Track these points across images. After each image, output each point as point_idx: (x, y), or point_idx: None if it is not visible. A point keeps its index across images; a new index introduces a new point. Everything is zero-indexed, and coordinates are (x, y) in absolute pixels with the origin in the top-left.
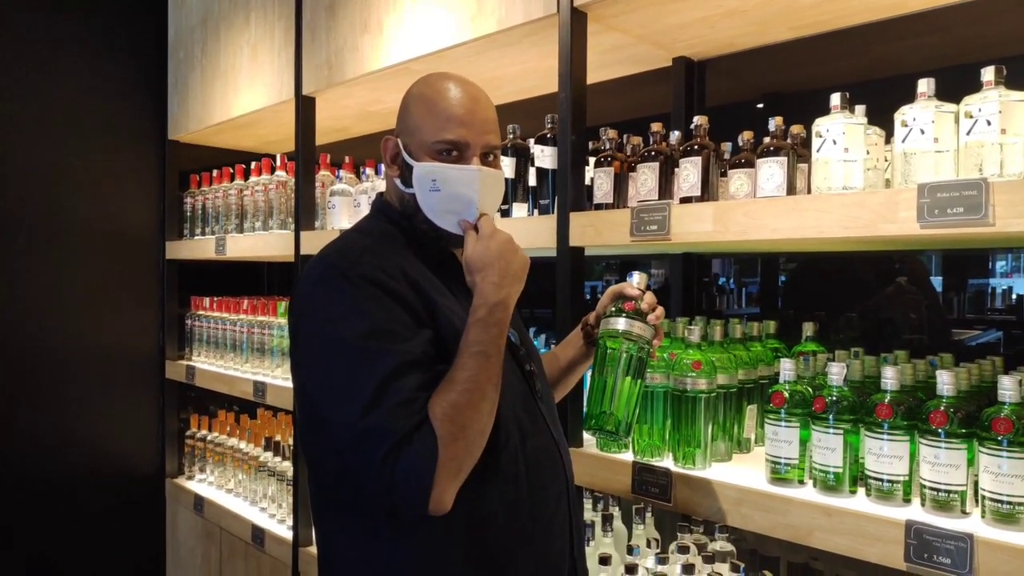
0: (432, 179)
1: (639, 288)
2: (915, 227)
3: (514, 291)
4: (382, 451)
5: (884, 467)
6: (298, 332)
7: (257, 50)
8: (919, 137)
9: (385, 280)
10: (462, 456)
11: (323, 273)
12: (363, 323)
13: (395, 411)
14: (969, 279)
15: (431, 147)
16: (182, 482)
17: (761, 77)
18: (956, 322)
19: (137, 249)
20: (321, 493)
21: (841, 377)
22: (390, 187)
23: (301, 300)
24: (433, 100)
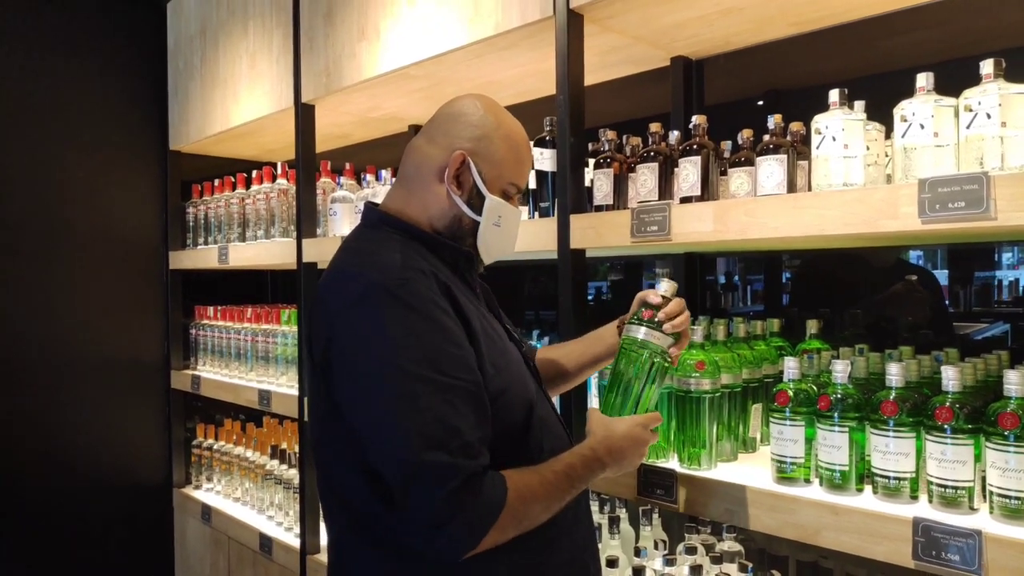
0: (499, 215)
1: (663, 296)
2: (916, 222)
3: (613, 473)
4: (447, 488)
5: (890, 464)
6: (341, 354)
7: (256, 58)
8: (919, 132)
9: (433, 297)
10: (510, 531)
11: (365, 291)
12: (417, 347)
13: (458, 451)
14: (976, 271)
15: (505, 186)
16: (189, 491)
17: (760, 74)
18: (963, 315)
19: (140, 259)
20: (349, 516)
21: (845, 375)
22: (435, 201)
23: (341, 319)
24: (517, 144)
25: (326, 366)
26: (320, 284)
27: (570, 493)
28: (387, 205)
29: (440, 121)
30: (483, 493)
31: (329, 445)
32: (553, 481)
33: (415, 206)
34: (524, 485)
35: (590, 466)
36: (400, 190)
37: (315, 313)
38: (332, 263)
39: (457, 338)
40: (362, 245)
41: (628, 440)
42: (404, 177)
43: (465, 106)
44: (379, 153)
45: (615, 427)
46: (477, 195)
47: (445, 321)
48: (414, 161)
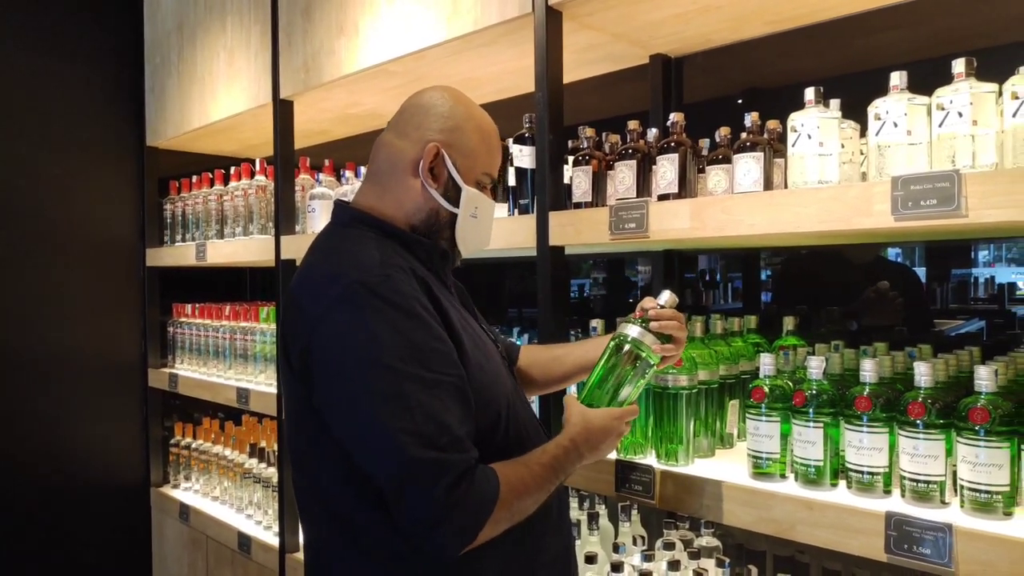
0: (475, 206)
1: (661, 305)
2: (890, 220)
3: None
4: (442, 484)
5: (864, 459)
6: (323, 357)
7: (234, 55)
8: (892, 130)
9: (415, 294)
10: (504, 523)
11: (345, 291)
12: (403, 345)
13: (449, 447)
14: (953, 269)
15: (479, 176)
16: (167, 491)
17: (739, 73)
18: (939, 312)
19: (117, 257)
20: (332, 519)
21: (820, 371)
22: (410, 196)
23: (321, 322)
24: (488, 134)
25: (306, 371)
26: (294, 286)
27: (555, 484)
28: (359, 203)
29: (409, 114)
30: (477, 487)
31: (309, 450)
32: (541, 473)
33: (389, 202)
34: (515, 478)
35: (571, 457)
36: (372, 187)
37: (291, 317)
38: (305, 264)
39: (441, 334)
40: (336, 244)
41: (605, 433)
42: (375, 173)
43: (433, 98)
44: (359, 150)
45: (593, 420)
46: (453, 187)
47: (428, 317)
48: (385, 157)
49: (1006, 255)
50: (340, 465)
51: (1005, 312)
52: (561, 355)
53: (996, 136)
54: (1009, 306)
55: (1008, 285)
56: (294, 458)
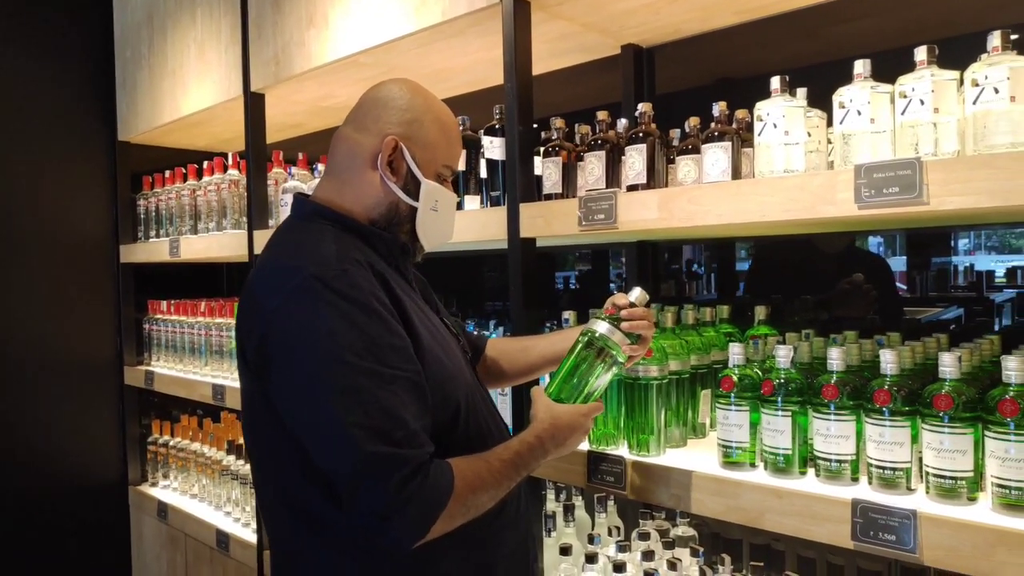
0: (436, 199)
1: (632, 302)
2: (853, 208)
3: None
4: (395, 479)
5: (831, 447)
6: (278, 351)
7: (204, 47)
8: (856, 118)
9: (372, 289)
10: (458, 518)
11: (302, 285)
12: (359, 340)
13: (403, 441)
14: (933, 257)
15: (439, 169)
16: (145, 489)
17: (711, 63)
18: (919, 300)
19: (91, 253)
20: (294, 515)
21: (788, 359)
22: (369, 190)
23: (277, 315)
24: (447, 126)
25: (262, 365)
26: (251, 279)
27: (516, 479)
28: (318, 196)
29: (367, 108)
30: (430, 481)
31: (267, 445)
32: (500, 469)
33: (348, 196)
34: (472, 472)
35: (535, 453)
36: (331, 181)
37: (247, 310)
38: (263, 257)
39: (397, 329)
40: (295, 237)
41: (570, 429)
42: (334, 168)
43: (391, 91)
44: None
45: (560, 415)
46: (412, 180)
47: (384, 312)
48: (344, 151)
49: (986, 243)
50: (300, 460)
51: (983, 299)
52: (529, 346)
53: (957, 124)
54: (988, 293)
55: (987, 273)
56: (253, 454)
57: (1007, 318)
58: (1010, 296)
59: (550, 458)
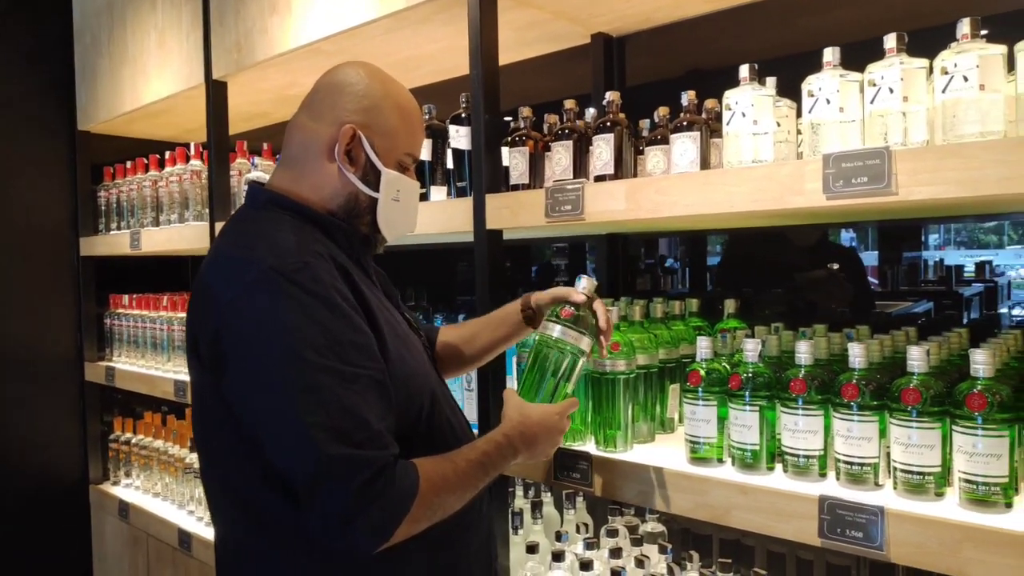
0: (397, 189)
1: (584, 294)
2: (821, 198)
3: (526, 459)
4: (357, 481)
5: (799, 443)
6: (234, 347)
7: (165, 35)
8: (825, 107)
9: (334, 283)
10: (423, 521)
11: (260, 278)
12: (320, 336)
13: (367, 442)
14: (904, 251)
15: (400, 157)
16: (107, 488)
17: (682, 53)
18: (889, 294)
19: (50, 246)
20: (247, 516)
21: (756, 353)
22: (327, 181)
23: (232, 309)
24: (408, 111)
25: (215, 360)
26: (204, 271)
27: (484, 480)
28: (274, 185)
29: (323, 94)
30: (395, 483)
31: (219, 442)
32: (467, 470)
33: (306, 186)
34: (437, 474)
35: (503, 453)
36: (287, 172)
37: (200, 303)
38: (216, 247)
39: (360, 325)
40: (251, 227)
41: (542, 427)
42: (290, 158)
43: (348, 75)
44: None
45: (530, 413)
46: (372, 170)
47: (347, 308)
48: (299, 140)
49: (955, 238)
50: (254, 458)
51: (953, 293)
52: (476, 332)
53: (927, 113)
54: (957, 287)
55: (956, 267)
56: (202, 451)
57: (975, 311)
58: (978, 290)
59: (521, 459)
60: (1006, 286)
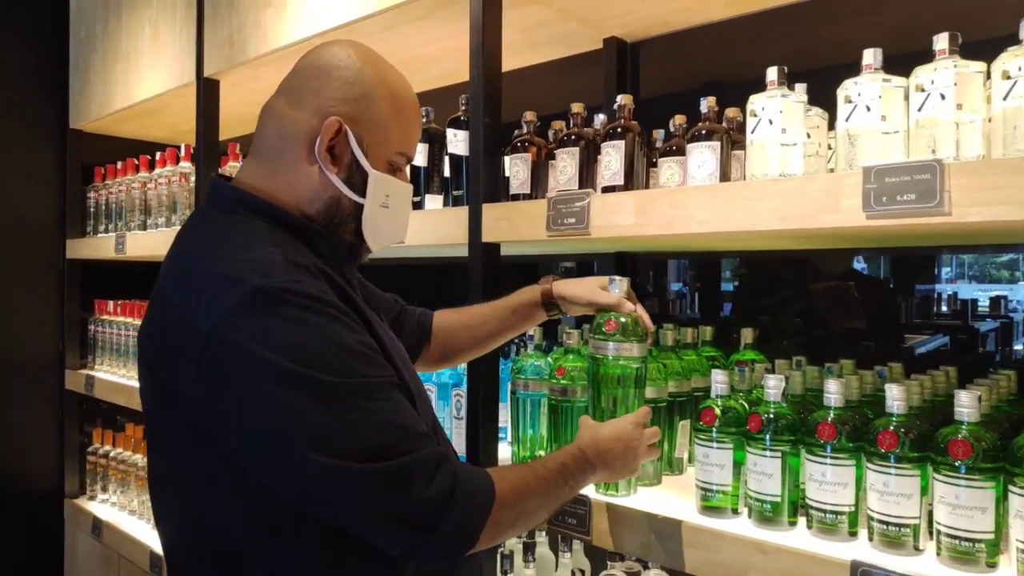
0: (386, 193)
1: (617, 299)
2: (860, 217)
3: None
4: (419, 483)
5: (827, 496)
6: (232, 383)
7: (158, 29)
8: (864, 115)
9: (331, 299)
10: (507, 528)
11: (255, 301)
12: (339, 355)
13: (414, 446)
14: (916, 284)
15: (392, 156)
16: (82, 503)
17: (700, 62)
18: (904, 327)
19: (36, 247)
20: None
21: (779, 391)
22: (304, 181)
23: (221, 338)
24: (403, 103)
25: (197, 398)
26: (168, 287)
27: (564, 491)
28: (243, 181)
29: (306, 76)
30: (463, 478)
31: (192, 484)
32: (547, 476)
33: (280, 185)
34: (515, 476)
35: (581, 467)
36: (258, 166)
37: (163, 323)
38: (179, 257)
39: (368, 340)
40: (221, 235)
41: (616, 441)
42: (262, 150)
43: (336, 56)
44: None
45: (602, 428)
46: (358, 170)
47: (350, 322)
48: (275, 129)
49: (968, 272)
50: (251, 505)
51: (968, 328)
52: (478, 320)
53: (983, 124)
54: (972, 322)
55: (972, 301)
56: (159, 491)
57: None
58: (994, 326)
59: (599, 476)
60: (1022, 322)
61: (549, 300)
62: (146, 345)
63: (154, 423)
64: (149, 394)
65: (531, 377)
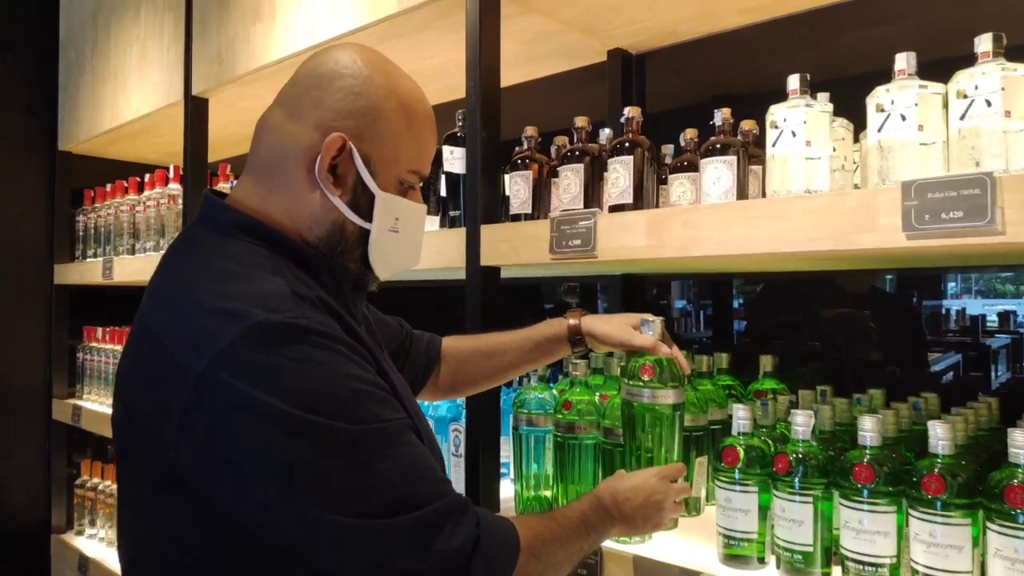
0: (396, 217)
1: (651, 335)
2: (899, 237)
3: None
4: (445, 532)
5: (865, 546)
6: (228, 432)
7: (146, 46)
8: (899, 124)
9: (339, 335)
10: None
11: (248, 335)
12: (348, 397)
13: (437, 494)
14: (924, 300)
15: (402, 175)
16: (69, 539)
17: (710, 73)
18: (927, 349)
19: (23, 273)
20: None
21: (808, 428)
22: (304, 203)
23: (215, 381)
24: (416, 115)
25: (181, 449)
26: (153, 321)
27: (587, 542)
28: (239, 200)
29: (305, 85)
30: (487, 525)
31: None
32: (569, 525)
33: (277, 207)
34: (538, 523)
35: (600, 516)
36: (253, 185)
37: (151, 365)
38: (167, 289)
39: (379, 381)
40: (216, 263)
41: (637, 492)
42: (258, 167)
43: (340, 63)
44: None
45: (623, 478)
46: (364, 192)
47: (362, 361)
48: (271, 145)
49: (974, 287)
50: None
51: (980, 345)
52: (496, 350)
53: None
54: (983, 339)
55: (981, 316)
56: (130, 555)
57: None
58: (1005, 342)
59: (618, 529)
60: None
61: (576, 336)
62: (123, 381)
63: (122, 462)
64: (131, 447)
65: (535, 411)
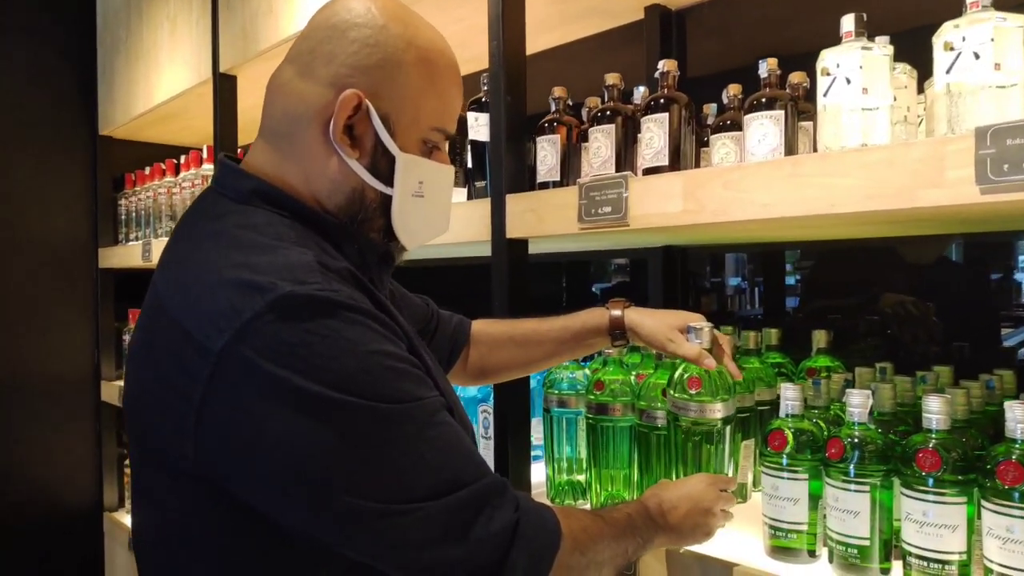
0: (420, 180)
1: (702, 348)
2: (972, 192)
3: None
4: (484, 515)
5: (930, 541)
6: (252, 414)
7: (176, 24)
8: (972, 64)
9: (367, 306)
10: (576, 572)
11: (273, 309)
12: (383, 374)
13: (476, 475)
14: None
15: (426, 133)
16: (121, 516)
17: (757, 30)
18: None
19: (68, 258)
20: None
21: (866, 410)
22: (319, 168)
23: (238, 358)
24: (438, 67)
25: (198, 436)
26: (167, 296)
27: (633, 545)
28: (254, 166)
29: (316, 39)
30: (526, 508)
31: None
32: (615, 524)
33: (293, 174)
34: (585, 517)
35: (645, 521)
36: (268, 151)
37: (165, 345)
38: (182, 261)
39: (412, 359)
40: (235, 232)
41: (685, 500)
42: (271, 131)
43: (353, 11)
44: None
45: (668, 485)
46: (384, 154)
47: (395, 338)
48: (282, 106)
49: None
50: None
51: None
52: (532, 339)
53: None
54: None
55: None
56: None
57: None
58: None
59: (663, 538)
60: None
61: (618, 330)
62: (134, 363)
63: (135, 447)
64: (135, 421)
65: (566, 392)
